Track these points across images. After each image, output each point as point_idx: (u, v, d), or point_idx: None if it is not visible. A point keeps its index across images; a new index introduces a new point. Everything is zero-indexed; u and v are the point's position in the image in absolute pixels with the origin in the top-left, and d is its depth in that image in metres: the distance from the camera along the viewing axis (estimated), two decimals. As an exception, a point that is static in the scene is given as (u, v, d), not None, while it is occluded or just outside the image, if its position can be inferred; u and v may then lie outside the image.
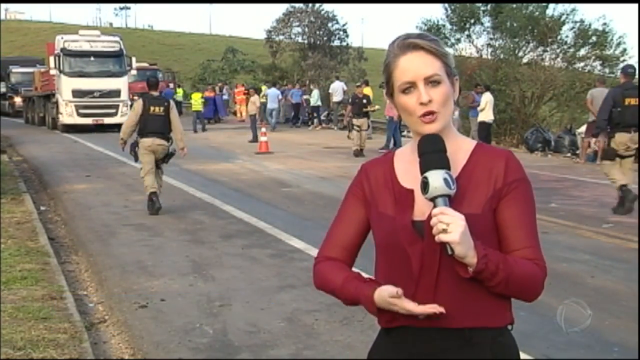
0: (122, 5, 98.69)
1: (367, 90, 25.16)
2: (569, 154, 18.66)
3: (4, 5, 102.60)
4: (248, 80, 45.44)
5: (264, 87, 28.99)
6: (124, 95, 27.51)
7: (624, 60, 25.95)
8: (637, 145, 9.86)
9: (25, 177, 14.50)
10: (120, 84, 27.31)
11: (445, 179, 1.83)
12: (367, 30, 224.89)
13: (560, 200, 11.27)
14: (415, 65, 1.92)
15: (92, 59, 27.13)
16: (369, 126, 19.60)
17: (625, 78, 10.14)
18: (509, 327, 1.97)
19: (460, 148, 1.99)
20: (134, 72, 28.69)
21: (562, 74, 25.83)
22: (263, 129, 20.77)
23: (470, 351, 1.90)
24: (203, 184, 13.24)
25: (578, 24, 26.40)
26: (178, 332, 5.37)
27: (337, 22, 42.42)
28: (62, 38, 27.47)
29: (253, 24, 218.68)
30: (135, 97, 20.08)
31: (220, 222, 9.69)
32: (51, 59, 27.23)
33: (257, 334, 5.33)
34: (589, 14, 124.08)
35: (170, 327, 5.50)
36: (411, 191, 1.95)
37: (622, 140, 9.85)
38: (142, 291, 6.46)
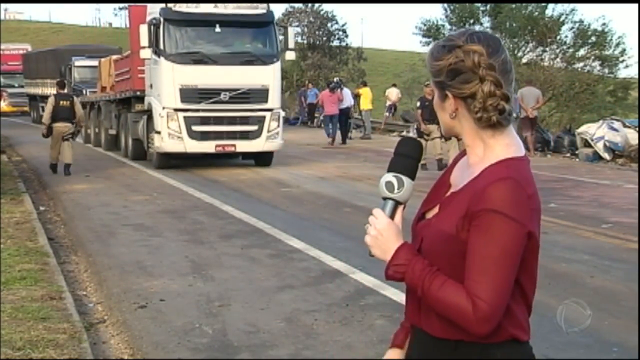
0: (121, 5, 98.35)
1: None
2: (568, 154, 18.66)
3: (3, 5, 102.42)
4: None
5: None
6: (274, 100, 15.30)
7: (623, 60, 26.02)
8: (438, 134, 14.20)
9: (24, 177, 14.50)
10: (269, 76, 15.16)
11: (388, 182, 1.87)
12: (367, 30, 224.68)
13: (559, 200, 11.25)
14: None
15: (217, 30, 15.03)
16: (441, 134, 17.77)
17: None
18: (513, 341, 1.85)
19: (484, 161, 1.87)
20: (291, 55, 16.45)
21: (561, 74, 25.84)
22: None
23: None
24: (203, 184, 13.24)
25: (577, 24, 26.45)
26: (177, 332, 5.36)
27: (337, 22, 42.41)
28: None
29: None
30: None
31: (219, 222, 9.68)
32: (142, 29, 14.72)
33: (257, 334, 5.33)
34: (588, 14, 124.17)
35: (169, 327, 5.50)
36: (433, 190, 1.99)
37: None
38: (141, 291, 6.45)
